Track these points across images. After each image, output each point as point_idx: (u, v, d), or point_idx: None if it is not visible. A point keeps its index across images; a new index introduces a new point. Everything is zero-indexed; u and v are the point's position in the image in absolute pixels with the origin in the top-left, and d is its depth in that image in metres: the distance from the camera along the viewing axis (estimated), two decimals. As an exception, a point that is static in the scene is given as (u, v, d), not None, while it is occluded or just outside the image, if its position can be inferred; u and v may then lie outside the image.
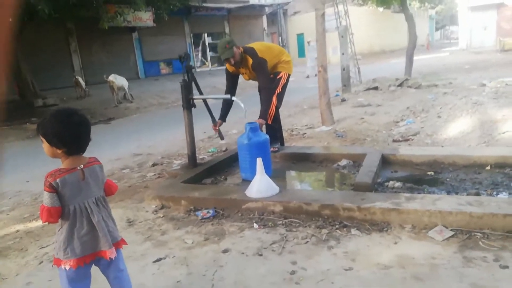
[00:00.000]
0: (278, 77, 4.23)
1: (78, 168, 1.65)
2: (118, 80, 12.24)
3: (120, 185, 4.30)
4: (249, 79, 4.39)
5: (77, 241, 1.64)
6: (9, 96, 13.82)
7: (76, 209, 1.64)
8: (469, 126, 5.16)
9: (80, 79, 14.40)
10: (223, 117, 4.38)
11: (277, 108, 4.28)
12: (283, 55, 4.35)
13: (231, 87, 4.41)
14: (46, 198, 1.60)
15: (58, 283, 2.30)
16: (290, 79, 4.43)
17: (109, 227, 1.71)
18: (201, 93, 4.21)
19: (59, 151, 1.63)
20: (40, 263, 2.59)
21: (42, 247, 2.85)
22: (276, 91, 4.19)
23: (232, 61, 4.06)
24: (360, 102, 8.16)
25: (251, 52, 4.07)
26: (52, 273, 2.42)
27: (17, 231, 3.30)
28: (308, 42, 17.05)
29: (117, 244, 1.74)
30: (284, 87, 4.28)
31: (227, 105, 4.31)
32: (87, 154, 1.71)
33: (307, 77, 16.48)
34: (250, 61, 4.08)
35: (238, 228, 2.76)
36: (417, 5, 23.95)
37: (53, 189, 1.59)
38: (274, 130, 4.39)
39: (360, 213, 2.66)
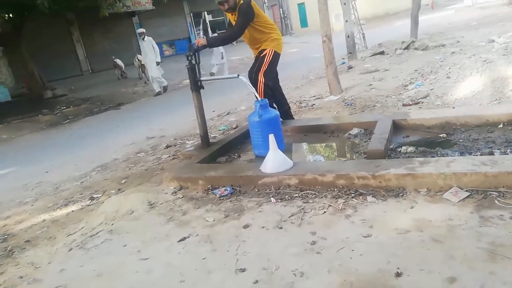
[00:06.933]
0: (262, 55, 4.11)
1: None
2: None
3: (137, 169, 4.39)
4: None
5: None
6: (18, 90, 14.00)
7: None
8: (479, 85, 5.09)
9: (118, 61, 14.66)
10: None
11: (267, 85, 4.15)
12: (273, 32, 4.18)
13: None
14: None
15: (90, 269, 2.41)
16: (283, 57, 4.26)
17: None
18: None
19: None
20: (69, 250, 2.70)
21: (70, 234, 2.97)
22: (262, 69, 4.09)
23: (226, 6, 3.91)
24: (367, 68, 8.05)
25: None
26: (83, 259, 2.54)
27: (44, 220, 3.43)
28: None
29: None
30: (271, 65, 4.13)
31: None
32: (102, 141, 1.76)
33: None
34: (241, 3, 3.92)
35: (256, 203, 2.83)
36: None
37: None
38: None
39: (375, 181, 2.70)
